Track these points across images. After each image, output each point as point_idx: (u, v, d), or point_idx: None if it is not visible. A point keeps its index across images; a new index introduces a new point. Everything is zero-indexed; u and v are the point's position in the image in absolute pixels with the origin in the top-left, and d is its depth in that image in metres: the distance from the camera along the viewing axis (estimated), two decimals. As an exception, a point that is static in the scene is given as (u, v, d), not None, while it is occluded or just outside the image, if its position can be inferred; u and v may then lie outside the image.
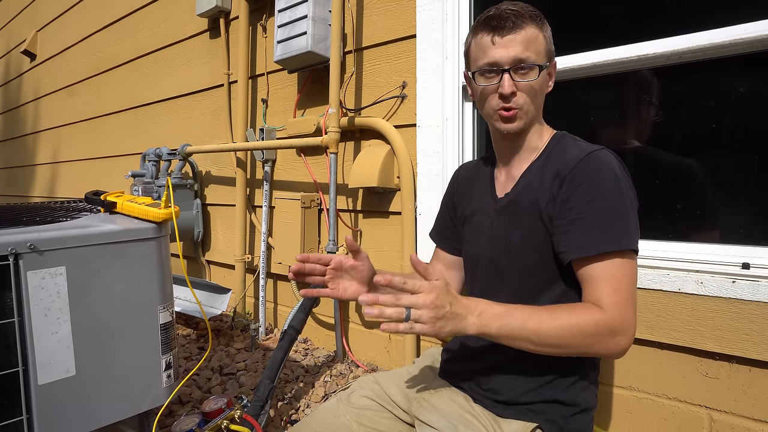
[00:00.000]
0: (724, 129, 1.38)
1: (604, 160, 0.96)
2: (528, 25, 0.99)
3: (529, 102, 1.02)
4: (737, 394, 1.28)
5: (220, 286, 2.44)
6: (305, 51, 2.04)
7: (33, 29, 4.80)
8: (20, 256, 0.99)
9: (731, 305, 1.25)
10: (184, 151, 2.74)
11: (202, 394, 1.85)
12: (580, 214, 0.94)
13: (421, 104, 1.86)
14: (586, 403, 1.02)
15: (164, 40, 3.16)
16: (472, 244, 1.17)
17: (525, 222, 1.03)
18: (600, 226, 0.92)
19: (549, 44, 1.03)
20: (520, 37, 0.98)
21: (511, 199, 1.06)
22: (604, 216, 0.92)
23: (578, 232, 0.93)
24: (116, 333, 1.13)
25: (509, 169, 1.11)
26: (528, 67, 0.99)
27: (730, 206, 1.38)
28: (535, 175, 1.04)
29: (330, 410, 1.11)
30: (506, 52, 0.99)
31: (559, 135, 1.08)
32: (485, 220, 1.13)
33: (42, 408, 1.02)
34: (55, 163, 4.62)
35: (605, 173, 0.94)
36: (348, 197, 2.16)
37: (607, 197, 0.93)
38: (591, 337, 0.88)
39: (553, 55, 1.06)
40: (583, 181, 0.94)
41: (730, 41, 1.28)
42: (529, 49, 0.99)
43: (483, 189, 1.17)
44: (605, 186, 0.93)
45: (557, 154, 1.03)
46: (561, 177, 0.97)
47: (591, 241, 0.92)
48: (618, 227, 0.92)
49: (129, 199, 1.28)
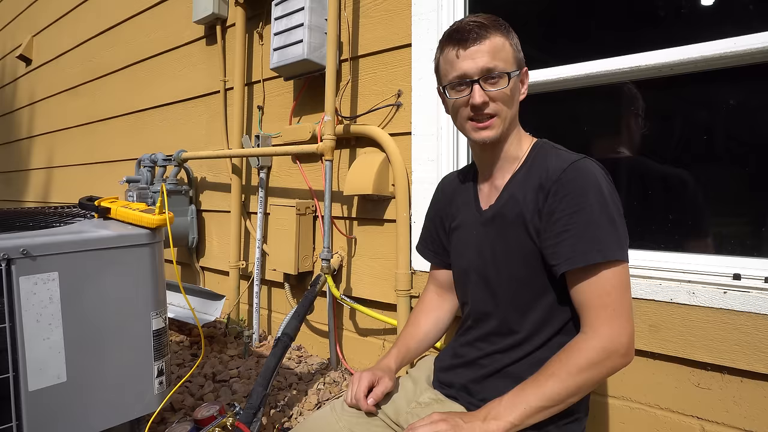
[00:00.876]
0: (716, 141, 1.40)
1: (586, 169, 0.96)
2: (492, 34, 1.00)
3: (504, 110, 1.02)
4: (729, 405, 1.28)
5: (214, 293, 2.43)
6: (301, 59, 2.05)
7: (29, 34, 4.80)
8: (13, 261, 0.98)
9: (722, 316, 1.26)
10: (179, 157, 2.74)
11: (194, 401, 1.84)
12: (566, 226, 0.94)
13: (417, 112, 1.87)
14: (578, 412, 1.02)
15: (161, 47, 3.16)
16: (461, 258, 1.18)
17: (511, 235, 1.03)
18: (586, 237, 0.92)
19: (517, 52, 1.04)
20: (485, 47, 0.99)
21: (496, 212, 1.07)
22: (590, 226, 0.93)
23: (566, 245, 0.94)
24: (108, 339, 1.12)
25: (492, 181, 1.12)
26: (497, 76, 1.00)
27: (721, 217, 1.40)
28: (519, 187, 1.04)
29: (323, 418, 1.10)
30: (474, 63, 1.00)
31: (540, 143, 1.09)
32: (471, 233, 1.13)
33: (32, 415, 1.01)
34: (49, 168, 4.61)
35: (588, 183, 0.94)
36: (343, 204, 2.16)
37: (592, 207, 0.93)
38: (594, 367, 0.89)
39: (523, 62, 1.07)
40: (567, 192, 0.95)
41: (720, 54, 1.30)
42: (496, 58, 1.00)
43: (467, 201, 1.17)
44: (589, 196, 0.93)
45: (539, 163, 1.03)
46: (545, 189, 0.98)
47: (579, 252, 0.92)
48: (604, 237, 0.92)
49: (123, 205, 1.28)
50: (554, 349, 0.98)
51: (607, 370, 0.90)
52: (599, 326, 0.91)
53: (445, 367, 1.15)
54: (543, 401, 0.88)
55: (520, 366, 1.02)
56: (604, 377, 0.91)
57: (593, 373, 0.89)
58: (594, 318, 0.92)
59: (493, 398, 1.02)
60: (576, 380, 0.89)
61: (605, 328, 0.90)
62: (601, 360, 0.89)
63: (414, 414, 1.05)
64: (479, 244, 1.10)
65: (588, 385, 0.90)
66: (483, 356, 1.07)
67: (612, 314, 0.90)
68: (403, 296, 1.87)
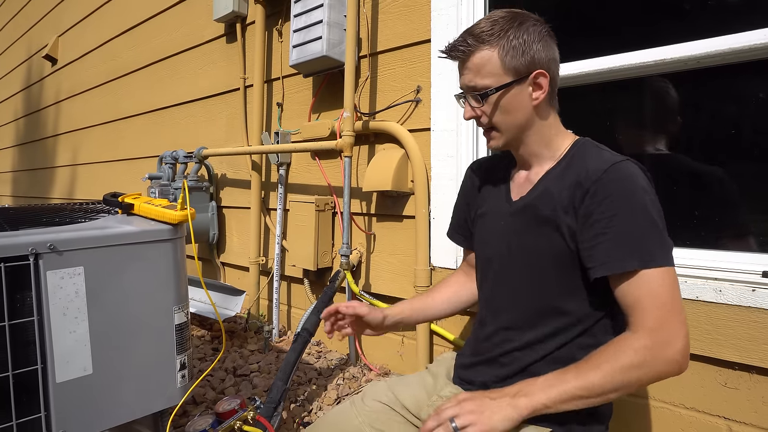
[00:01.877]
0: (744, 135, 1.36)
1: (628, 171, 0.93)
2: (478, 49, 1.00)
3: (500, 121, 1.04)
4: (757, 405, 1.25)
5: (235, 288, 2.46)
6: (320, 55, 2.05)
7: (54, 34, 4.90)
8: (40, 256, 1.01)
9: (751, 314, 1.23)
10: (200, 154, 2.77)
11: (215, 395, 1.87)
12: (604, 230, 0.91)
13: (436, 108, 1.86)
14: (602, 413, 1.00)
15: (181, 45, 3.20)
16: (485, 246, 1.16)
17: (541, 229, 1.01)
18: (624, 243, 0.90)
19: (513, 59, 0.99)
20: (469, 63, 1.02)
21: (527, 203, 1.05)
22: (629, 232, 0.90)
23: (602, 249, 0.91)
24: (132, 333, 1.14)
25: (528, 173, 1.10)
26: (480, 93, 1.01)
27: (750, 213, 1.36)
28: (555, 182, 1.02)
29: (342, 413, 1.11)
30: (462, 79, 1.05)
31: (581, 141, 1.06)
32: (498, 222, 1.11)
33: (60, 405, 1.03)
34: (74, 165, 4.70)
35: (629, 186, 0.91)
36: (362, 201, 2.16)
37: (632, 212, 0.90)
38: (640, 368, 0.85)
39: (533, 65, 1.00)
40: (607, 194, 0.92)
41: (750, 46, 1.26)
42: (479, 74, 1.01)
43: (497, 190, 1.16)
44: (629, 200, 0.91)
45: (578, 161, 1.00)
46: (583, 188, 0.95)
47: (616, 258, 0.90)
48: (643, 243, 0.89)
49: (146, 201, 1.30)
50: (575, 350, 0.97)
51: (655, 374, 0.86)
52: (649, 328, 0.86)
53: (465, 365, 1.14)
54: (581, 390, 0.85)
55: (542, 365, 1.00)
56: (651, 381, 0.87)
57: (639, 374, 0.85)
58: (644, 317, 0.87)
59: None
60: (621, 378, 0.85)
61: (655, 329, 0.86)
62: (647, 362, 0.84)
63: (435, 406, 1.05)
64: (505, 234, 1.09)
65: (632, 385, 0.86)
66: (503, 354, 1.06)
67: (663, 316, 0.86)
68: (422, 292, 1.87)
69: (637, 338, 0.87)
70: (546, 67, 1.01)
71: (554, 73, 1.04)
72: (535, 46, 1.00)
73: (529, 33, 1.00)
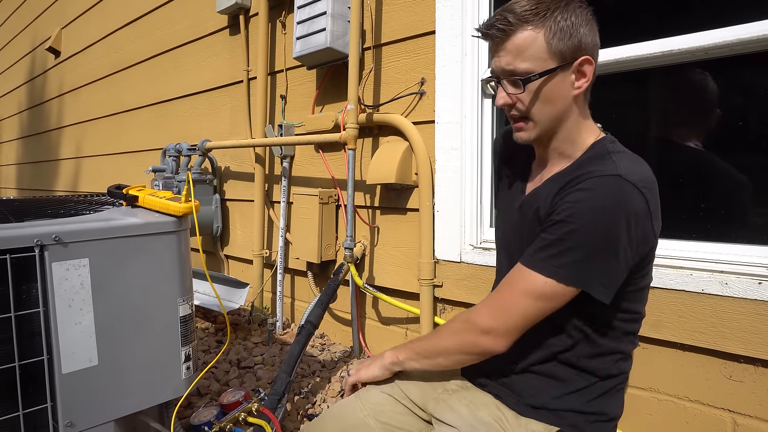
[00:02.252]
0: (751, 126, 1.35)
1: (610, 191, 0.85)
2: (519, 29, 0.89)
3: (536, 111, 0.94)
4: (762, 398, 1.25)
5: (238, 281, 2.46)
6: (324, 47, 2.04)
7: (57, 27, 4.89)
8: (45, 247, 1.01)
9: (757, 307, 1.22)
10: (203, 147, 2.77)
11: (220, 387, 1.88)
12: (545, 229, 0.91)
13: (440, 100, 1.85)
14: (612, 413, 1.00)
15: (184, 37, 3.19)
16: (498, 226, 1.18)
17: (530, 229, 0.99)
18: (548, 249, 0.88)
19: (560, 42, 0.90)
20: (509, 45, 0.91)
21: (526, 201, 1.04)
22: (560, 242, 0.87)
23: (534, 244, 0.92)
24: (137, 324, 1.15)
25: (541, 170, 1.05)
26: (519, 78, 0.91)
27: (756, 206, 1.35)
28: (549, 184, 0.98)
29: (347, 406, 1.11)
30: (498, 61, 0.94)
31: (600, 143, 0.97)
32: (511, 208, 1.10)
33: (65, 396, 1.04)
34: (78, 158, 4.71)
35: (597, 205, 0.85)
36: (366, 193, 2.16)
37: (583, 229, 0.86)
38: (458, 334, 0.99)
39: (578, 50, 0.91)
40: (572, 200, 0.88)
41: (758, 37, 1.25)
42: (519, 58, 0.90)
43: (520, 174, 1.11)
44: (588, 217, 0.86)
45: (584, 166, 0.94)
46: (562, 192, 0.91)
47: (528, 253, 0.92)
48: (562, 258, 0.87)
49: (150, 193, 1.30)
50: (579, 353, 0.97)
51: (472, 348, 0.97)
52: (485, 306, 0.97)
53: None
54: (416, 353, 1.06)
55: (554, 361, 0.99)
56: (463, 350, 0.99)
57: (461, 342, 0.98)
58: (489, 296, 0.98)
59: (523, 392, 1.01)
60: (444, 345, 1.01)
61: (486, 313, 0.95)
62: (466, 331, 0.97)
63: (441, 400, 1.05)
64: (513, 224, 1.08)
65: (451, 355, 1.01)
66: (512, 349, 1.05)
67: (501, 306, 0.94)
68: (426, 285, 1.87)
69: (473, 309, 0.98)
70: (591, 54, 0.93)
71: (597, 61, 0.96)
72: (583, 30, 0.91)
73: (576, 15, 0.90)
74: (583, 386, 0.97)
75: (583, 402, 0.97)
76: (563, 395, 0.97)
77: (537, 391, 0.99)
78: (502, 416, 0.99)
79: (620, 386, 1.01)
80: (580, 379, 0.97)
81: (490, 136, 1.82)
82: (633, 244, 0.87)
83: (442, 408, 1.03)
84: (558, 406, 0.97)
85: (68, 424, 1.04)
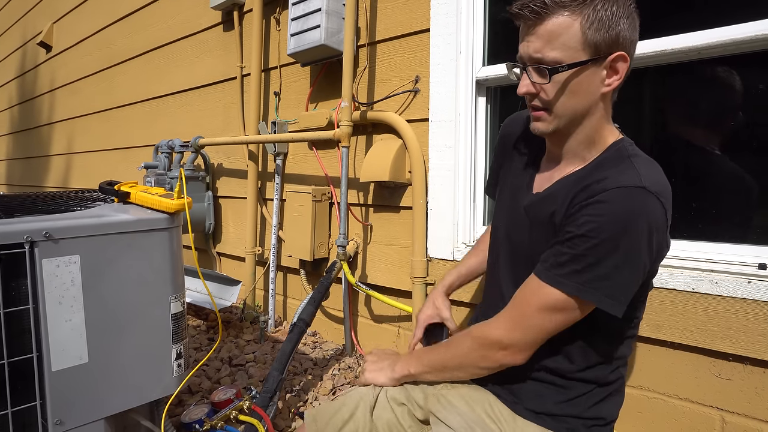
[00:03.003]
0: (741, 127, 1.36)
1: (632, 202, 0.82)
2: (554, 13, 0.83)
3: (557, 104, 0.89)
4: (750, 396, 1.26)
5: (231, 278, 2.45)
6: (318, 44, 2.04)
7: (49, 21, 4.84)
8: (35, 243, 1.00)
9: (746, 306, 1.23)
10: (196, 144, 2.75)
11: (211, 385, 1.87)
12: (565, 243, 0.87)
13: (434, 99, 1.85)
14: (610, 416, 1.00)
15: (177, 33, 3.17)
16: (500, 221, 1.12)
17: (538, 232, 0.98)
18: (569, 265, 0.86)
19: (597, 33, 0.84)
20: (540, 29, 0.85)
21: (536, 201, 1.00)
22: (582, 258, 0.84)
23: (549, 257, 0.90)
24: (128, 322, 1.14)
25: (552, 169, 1.01)
26: (547, 67, 0.86)
27: (746, 206, 1.36)
28: (564, 187, 0.94)
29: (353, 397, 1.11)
30: (526, 47, 0.88)
31: (616, 147, 0.93)
32: (515, 204, 1.06)
33: (55, 394, 1.03)
34: (69, 154, 4.67)
35: (621, 219, 0.82)
36: (359, 191, 2.16)
37: (604, 244, 0.83)
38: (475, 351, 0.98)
39: (613, 44, 0.86)
40: (595, 214, 0.84)
41: (751, 37, 1.26)
42: (549, 45, 0.85)
43: (526, 169, 1.07)
44: (610, 231, 0.82)
45: (598, 171, 0.90)
46: (579, 199, 0.88)
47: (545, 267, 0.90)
48: (585, 274, 0.84)
49: (142, 190, 1.29)
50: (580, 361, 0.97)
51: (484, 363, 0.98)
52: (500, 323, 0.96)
53: None
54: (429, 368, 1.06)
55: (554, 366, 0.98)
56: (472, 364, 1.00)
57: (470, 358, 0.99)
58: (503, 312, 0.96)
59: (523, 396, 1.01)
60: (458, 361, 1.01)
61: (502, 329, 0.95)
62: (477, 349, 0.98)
63: (441, 395, 1.05)
64: (518, 221, 1.04)
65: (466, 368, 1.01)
66: None
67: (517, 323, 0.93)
68: (418, 283, 1.87)
69: (486, 326, 0.98)
70: (628, 50, 0.87)
71: (632, 59, 0.90)
72: (623, 23, 0.85)
73: (618, 5, 0.85)
74: (583, 393, 0.97)
75: (583, 408, 0.97)
76: (563, 402, 0.97)
77: (537, 396, 0.99)
78: (499, 415, 0.99)
79: (619, 390, 1.02)
80: (581, 386, 0.97)
81: (484, 134, 1.83)
82: (652, 255, 0.87)
83: (441, 405, 1.02)
84: (557, 412, 0.97)
85: (57, 422, 1.03)
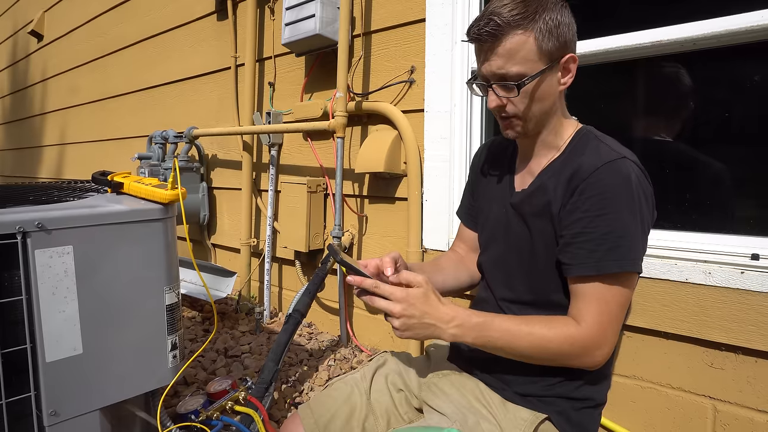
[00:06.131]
0: (735, 118, 1.36)
1: (621, 171, 0.89)
2: (510, 33, 0.90)
3: (526, 111, 0.96)
4: (742, 385, 1.27)
5: (226, 270, 2.45)
6: (313, 34, 2.02)
7: (40, 9, 4.77)
8: (28, 234, 0.99)
9: (739, 296, 1.24)
10: (190, 134, 2.73)
11: (206, 376, 1.87)
12: (585, 228, 0.90)
13: (430, 89, 1.84)
14: (599, 398, 1.01)
15: (171, 22, 3.14)
16: (486, 232, 1.16)
17: (537, 223, 1.00)
18: (604, 245, 0.88)
19: (548, 43, 0.91)
20: (500, 49, 0.91)
21: (525, 197, 1.03)
22: (611, 234, 0.88)
23: (582, 248, 0.90)
24: (122, 313, 1.13)
25: (528, 165, 1.07)
26: (512, 82, 0.93)
27: (739, 197, 1.37)
28: (552, 177, 0.99)
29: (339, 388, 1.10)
30: (488, 66, 0.94)
31: (583, 132, 1.02)
32: (501, 210, 1.10)
33: (49, 385, 1.03)
34: (62, 144, 4.63)
35: (619, 187, 0.88)
36: (354, 182, 2.15)
37: (618, 214, 0.88)
38: (562, 355, 0.91)
39: (565, 48, 0.94)
40: (595, 193, 0.89)
41: (747, 28, 1.26)
42: (511, 61, 0.91)
43: (503, 177, 1.13)
44: (617, 201, 0.88)
45: (575, 155, 0.97)
46: (572, 186, 0.93)
47: (594, 258, 0.89)
48: (623, 248, 0.88)
49: (136, 180, 1.28)
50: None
51: (575, 364, 0.93)
52: (591, 326, 0.89)
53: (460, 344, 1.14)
54: (503, 352, 0.93)
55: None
56: (560, 363, 0.94)
57: (562, 360, 0.92)
58: (590, 316, 0.90)
59: (512, 380, 1.01)
60: (544, 357, 0.92)
61: (595, 330, 0.89)
62: (573, 353, 0.90)
63: (433, 384, 1.06)
64: (507, 225, 1.08)
65: (542, 361, 0.94)
66: None
67: (606, 323, 0.90)
68: (414, 274, 1.87)
69: (576, 328, 0.90)
70: (574, 50, 0.97)
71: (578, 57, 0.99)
72: (566, 28, 0.94)
73: (561, 14, 0.93)
74: (572, 374, 0.98)
75: (572, 389, 0.98)
76: (552, 384, 0.99)
77: (526, 380, 1.00)
78: (490, 400, 1.00)
79: (606, 372, 1.03)
80: (569, 369, 0.98)
81: (479, 125, 1.82)
82: (649, 212, 0.93)
83: (434, 393, 1.04)
84: (546, 393, 0.99)
85: (52, 413, 1.03)
